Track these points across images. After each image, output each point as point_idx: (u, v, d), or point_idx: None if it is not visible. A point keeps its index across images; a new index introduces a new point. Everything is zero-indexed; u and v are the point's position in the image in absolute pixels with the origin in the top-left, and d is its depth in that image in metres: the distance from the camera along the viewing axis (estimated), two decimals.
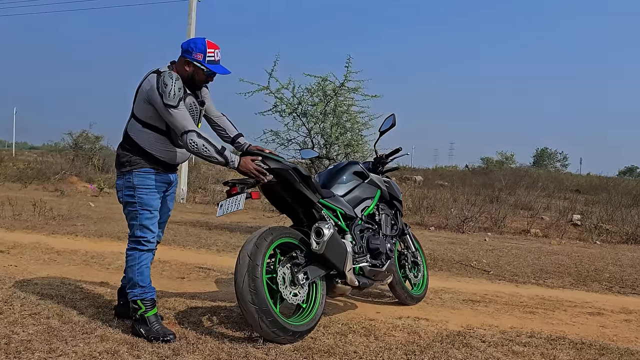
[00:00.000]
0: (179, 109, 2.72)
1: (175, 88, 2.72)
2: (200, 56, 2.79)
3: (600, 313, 4.04)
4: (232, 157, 2.78)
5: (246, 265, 2.67)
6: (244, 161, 2.80)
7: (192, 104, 2.86)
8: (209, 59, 2.81)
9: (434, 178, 19.25)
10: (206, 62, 2.81)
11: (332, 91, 7.61)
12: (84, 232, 6.66)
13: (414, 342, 2.97)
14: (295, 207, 3.16)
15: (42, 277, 4.02)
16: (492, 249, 7.26)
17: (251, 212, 11.25)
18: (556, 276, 5.60)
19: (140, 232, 2.87)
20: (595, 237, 9.23)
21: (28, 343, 2.55)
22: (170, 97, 2.70)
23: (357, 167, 3.65)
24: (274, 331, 2.68)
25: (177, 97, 2.71)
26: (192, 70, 2.83)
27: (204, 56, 2.80)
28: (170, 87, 2.70)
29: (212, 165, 24.05)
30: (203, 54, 2.80)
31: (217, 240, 6.66)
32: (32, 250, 5.22)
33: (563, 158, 36.71)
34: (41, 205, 8.15)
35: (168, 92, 2.70)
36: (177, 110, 2.72)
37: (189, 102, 2.83)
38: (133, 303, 2.84)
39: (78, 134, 21.13)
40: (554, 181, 18.54)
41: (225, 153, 2.76)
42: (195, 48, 2.80)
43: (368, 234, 3.45)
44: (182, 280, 4.36)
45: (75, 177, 16.79)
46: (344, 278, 3.10)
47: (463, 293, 4.47)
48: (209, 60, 2.81)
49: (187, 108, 2.79)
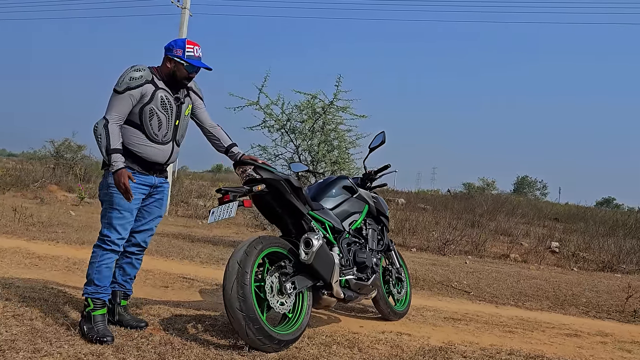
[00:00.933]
0: (120, 95, 2.81)
1: (127, 77, 2.83)
2: (180, 52, 2.91)
3: (577, 335, 4.12)
4: (116, 163, 2.75)
5: (235, 272, 2.70)
6: (121, 173, 2.75)
7: (165, 98, 2.93)
8: (188, 54, 2.92)
9: (416, 201, 19.42)
10: (185, 57, 2.91)
11: (321, 109, 7.73)
12: (65, 239, 6.58)
13: (397, 355, 3.01)
14: (285, 218, 3.20)
15: (24, 279, 3.98)
16: (472, 271, 7.36)
17: (234, 227, 11.23)
18: (535, 299, 5.70)
19: (106, 231, 2.87)
20: (572, 264, 9.41)
21: (12, 343, 2.52)
22: (118, 83, 2.83)
23: (346, 181, 3.73)
24: (260, 339, 2.70)
25: (125, 84, 2.81)
26: (173, 66, 2.93)
27: (183, 51, 2.91)
28: (124, 76, 2.83)
29: (196, 179, 23.97)
30: (182, 49, 2.92)
31: (200, 252, 6.64)
32: (13, 254, 5.16)
33: (543, 187, 37.33)
34: (22, 211, 8.04)
35: (120, 78, 2.83)
36: (116, 95, 2.82)
37: (161, 96, 2.91)
38: (85, 299, 2.85)
39: (60, 142, 20.88)
40: (533, 209, 18.84)
41: (113, 155, 2.76)
42: (176, 45, 2.94)
43: (355, 247, 3.50)
44: (165, 289, 4.34)
45: (55, 186, 16.55)
46: (330, 290, 3.14)
47: (444, 311, 4.53)
48: (188, 55, 2.92)
49: (159, 102, 2.89)
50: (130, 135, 2.88)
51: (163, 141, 2.95)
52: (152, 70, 2.94)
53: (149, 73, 2.90)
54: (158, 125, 2.91)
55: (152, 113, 2.88)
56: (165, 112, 2.92)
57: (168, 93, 2.95)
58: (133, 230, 3.01)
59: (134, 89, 2.82)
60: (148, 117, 2.88)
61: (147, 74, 2.88)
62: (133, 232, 3.02)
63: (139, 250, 3.09)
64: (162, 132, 2.93)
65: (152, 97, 2.88)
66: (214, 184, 21.31)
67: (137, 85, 2.83)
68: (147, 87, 2.86)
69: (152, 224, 3.10)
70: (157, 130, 2.91)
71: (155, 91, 2.89)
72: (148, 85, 2.87)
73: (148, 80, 2.87)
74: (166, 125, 2.94)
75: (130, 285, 3.14)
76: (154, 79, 2.91)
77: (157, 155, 2.95)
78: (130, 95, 2.82)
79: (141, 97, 2.85)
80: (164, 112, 2.92)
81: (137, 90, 2.83)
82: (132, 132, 2.88)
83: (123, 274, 3.08)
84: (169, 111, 2.94)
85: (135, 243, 3.06)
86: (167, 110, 2.93)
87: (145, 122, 2.88)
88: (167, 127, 2.95)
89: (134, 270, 3.12)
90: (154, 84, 2.89)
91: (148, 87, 2.87)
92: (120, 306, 3.05)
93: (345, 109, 7.78)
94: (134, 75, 2.83)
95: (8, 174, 18.30)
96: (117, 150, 2.77)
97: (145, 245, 3.12)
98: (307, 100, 7.84)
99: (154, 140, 2.92)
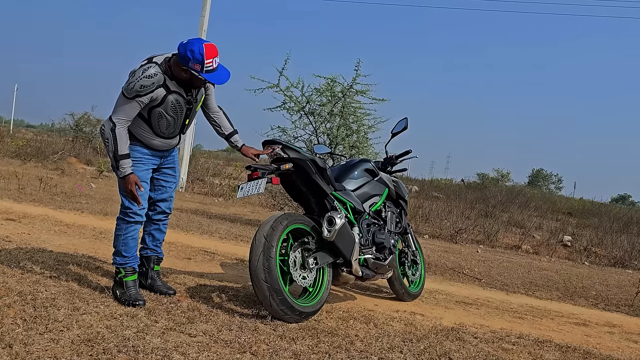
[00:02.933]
0: (128, 100, 2.74)
1: (138, 84, 2.71)
2: (198, 67, 2.72)
3: (585, 324, 4.23)
4: (124, 169, 2.76)
5: (262, 245, 2.84)
6: (128, 179, 2.79)
7: (176, 102, 2.87)
8: (207, 68, 2.74)
9: (430, 189, 19.46)
10: (204, 73, 2.75)
11: (341, 92, 7.81)
12: (89, 209, 6.80)
13: (411, 333, 3.15)
14: (309, 197, 3.33)
15: (56, 245, 4.17)
16: (484, 260, 7.46)
17: (249, 206, 11.41)
18: (545, 289, 5.80)
19: (127, 203, 2.97)
20: (584, 259, 9.46)
21: (53, 300, 2.70)
22: (128, 88, 2.73)
23: (368, 164, 3.84)
24: (282, 309, 2.85)
25: (134, 92, 2.72)
26: (189, 76, 2.81)
27: (201, 67, 2.72)
28: (135, 82, 2.72)
29: (211, 158, 24.20)
30: (201, 64, 2.71)
31: (219, 229, 6.82)
32: (42, 221, 5.37)
33: (558, 180, 37.14)
34: (47, 181, 8.28)
35: (130, 82, 2.73)
36: (124, 98, 2.75)
37: (171, 100, 2.85)
38: (115, 267, 3.01)
39: (80, 115, 21.17)
40: (547, 202, 18.80)
41: (121, 161, 2.75)
42: (193, 58, 2.70)
43: (374, 228, 3.63)
44: (188, 260, 4.52)
45: (74, 158, 16.87)
46: (349, 267, 3.28)
47: (456, 295, 4.65)
48: (207, 70, 2.75)
49: (168, 106, 2.84)
50: (137, 127, 2.91)
51: (169, 136, 3.01)
52: (165, 68, 2.80)
53: (161, 76, 2.77)
54: (166, 126, 2.93)
55: (161, 116, 2.87)
56: (175, 115, 2.91)
57: (180, 95, 2.88)
58: (157, 200, 3.19)
59: (143, 96, 2.76)
60: (156, 119, 2.88)
61: (159, 79, 2.76)
62: (157, 202, 3.20)
63: (165, 216, 3.27)
64: (169, 130, 2.97)
65: (163, 100, 2.83)
66: (229, 163, 21.52)
67: (147, 93, 2.75)
68: (158, 91, 2.79)
69: (171, 190, 3.25)
70: (164, 130, 2.95)
71: (167, 95, 2.83)
72: (159, 90, 2.79)
73: (159, 84, 2.78)
74: (174, 125, 2.96)
75: (161, 249, 3.31)
76: (165, 80, 2.80)
77: (164, 146, 3.04)
78: (139, 101, 2.77)
79: (151, 101, 2.80)
80: (172, 115, 2.90)
81: (147, 96, 2.77)
82: (139, 123, 2.90)
83: (153, 240, 3.26)
84: (178, 114, 2.92)
85: (160, 211, 3.23)
86: (177, 113, 2.91)
87: (153, 122, 2.89)
88: (175, 126, 2.98)
89: (162, 234, 3.29)
90: (165, 87, 2.81)
91: (159, 91, 2.79)
92: (153, 270, 3.22)
93: (365, 93, 7.86)
94: (145, 83, 2.72)
95: (28, 144, 18.69)
96: (125, 156, 2.78)
97: (170, 211, 3.28)
98: (326, 82, 7.93)
99: (161, 136, 2.97)
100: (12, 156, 15.52)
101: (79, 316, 2.54)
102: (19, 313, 2.47)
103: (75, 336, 2.29)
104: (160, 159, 3.10)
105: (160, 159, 3.10)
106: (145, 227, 3.25)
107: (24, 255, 3.66)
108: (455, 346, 2.99)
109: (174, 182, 3.26)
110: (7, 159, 14.87)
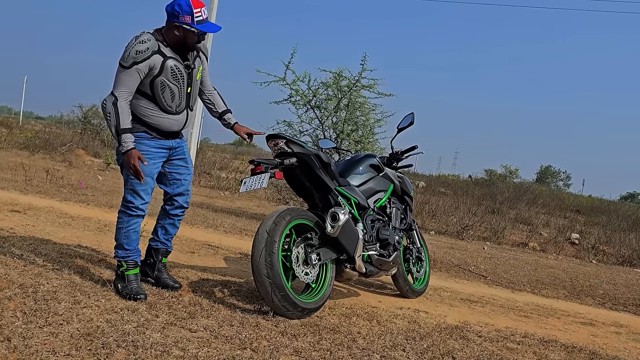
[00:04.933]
0: (127, 70, 2.72)
1: (133, 50, 2.71)
2: (189, 18, 2.77)
3: (592, 324, 4.17)
4: (126, 143, 2.73)
5: (264, 240, 2.81)
6: (130, 154, 2.74)
7: (175, 67, 2.83)
8: (197, 19, 2.78)
9: (437, 185, 19.36)
10: (195, 24, 2.78)
11: (347, 87, 7.76)
12: (94, 201, 6.81)
13: (414, 330, 3.11)
14: (312, 192, 3.30)
15: (60, 237, 4.17)
16: (490, 257, 7.41)
17: (255, 200, 11.40)
18: (551, 288, 5.74)
19: (130, 197, 2.93)
20: (591, 257, 9.37)
21: (54, 294, 2.69)
22: (124, 57, 2.72)
23: (373, 160, 3.80)
24: (284, 305, 2.83)
25: (131, 58, 2.71)
26: (182, 33, 2.81)
27: (192, 18, 2.77)
28: (129, 49, 2.72)
29: (218, 151, 24.21)
30: (190, 15, 2.77)
31: (224, 222, 6.80)
32: (47, 213, 5.38)
33: (566, 177, 36.79)
34: (53, 173, 8.30)
35: (125, 52, 2.73)
36: (122, 70, 2.73)
37: (170, 66, 2.82)
38: (117, 261, 2.98)
39: (88, 107, 21.23)
40: (555, 199, 18.65)
41: (123, 136, 2.72)
42: (182, 11, 2.76)
43: (378, 224, 3.59)
44: (192, 254, 4.50)
45: (82, 150, 16.93)
46: (353, 263, 3.24)
47: (461, 293, 4.61)
48: (197, 20, 2.78)
49: (169, 73, 2.81)
50: (143, 107, 2.86)
51: (177, 111, 2.93)
52: (157, 37, 2.81)
53: (155, 42, 2.77)
54: (171, 97, 2.87)
55: (164, 85, 2.82)
56: (177, 83, 2.86)
57: (177, 61, 2.85)
58: (173, 195, 3.14)
59: (141, 63, 2.72)
60: (160, 90, 2.83)
61: (153, 44, 2.76)
62: (174, 196, 3.15)
63: (182, 211, 3.22)
64: (175, 102, 2.89)
65: (162, 68, 2.79)
66: (236, 157, 21.52)
67: (144, 59, 2.72)
68: (155, 58, 2.76)
69: (187, 183, 3.18)
70: (170, 102, 2.88)
71: (165, 61, 2.79)
72: (155, 56, 2.76)
73: (155, 50, 2.76)
74: (179, 95, 2.89)
75: (171, 243, 3.28)
76: (160, 47, 2.79)
77: (173, 125, 2.96)
78: (137, 69, 2.73)
79: (150, 70, 2.77)
80: (175, 82, 2.85)
81: (145, 63, 2.73)
82: (144, 103, 2.85)
83: (165, 233, 3.22)
84: (180, 81, 2.87)
85: (178, 206, 3.18)
86: (179, 80, 2.86)
87: (158, 95, 2.83)
88: (180, 97, 2.90)
89: (175, 229, 3.25)
90: (161, 53, 2.78)
91: (156, 58, 2.76)
92: (160, 263, 3.20)
93: (371, 88, 7.81)
94: (139, 48, 2.71)
95: (37, 136, 18.78)
96: (127, 130, 2.74)
97: (187, 205, 3.22)
98: (333, 77, 7.88)
99: (168, 112, 2.89)
100: (21, 148, 15.58)
101: (80, 310, 2.53)
102: (19, 306, 2.46)
103: (74, 330, 2.27)
104: (169, 150, 3.02)
105: (168, 150, 3.02)
106: (160, 220, 3.21)
107: (27, 247, 3.65)
108: (459, 345, 2.95)
109: (188, 173, 3.17)
110: (15, 150, 14.95)
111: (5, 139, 15.59)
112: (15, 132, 19.73)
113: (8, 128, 20.12)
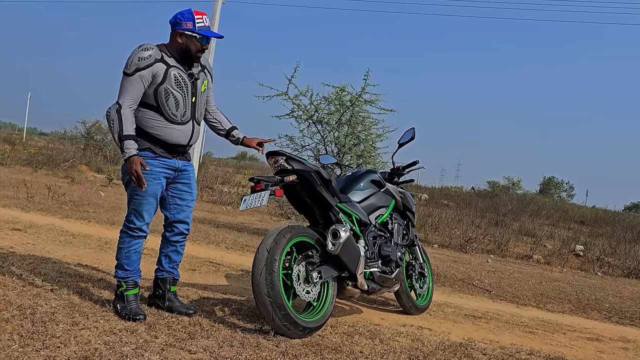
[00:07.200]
0: (130, 78, 2.76)
1: (136, 57, 2.76)
2: (190, 24, 2.84)
3: (598, 339, 4.11)
4: (129, 150, 2.72)
5: (265, 259, 2.78)
6: (132, 160, 2.72)
7: (179, 76, 2.86)
8: (199, 25, 2.86)
9: (440, 197, 19.31)
10: (197, 29, 2.85)
11: (349, 102, 7.77)
12: (96, 218, 6.80)
13: (418, 349, 3.06)
14: (313, 209, 3.27)
15: (60, 256, 4.15)
16: (494, 271, 7.34)
17: (258, 214, 11.37)
18: (556, 302, 5.67)
19: (132, 217, 2.91)
20: (597, 269, 9.28)
21: (52, 315, 2.66)
22: (127, 65, 2.77)
23: (374, 175, 3.78)
24: (285, 325, 2.79)
25: (134, 65, 2.75)
26: (185, 40, 2.86)
27: (193, 24, 2.85)
28: (132, 57, 2.77)
29: (220, 165, 24.25)
30: (192, 22, 2.85)
31: (225, 238, 6.77)
32: (48, 231, 5.36)
33: (569, 188, 36.64)
34: (55, 190, 8.30)
35: (128, 60, 2.78)
36: (126, 78, 2.77)
37: (174, 74, 2.84)
38: (117, 281, 2.95)
39: (91, 123, 21.31)
40: (558, 210, 18.56)
41: (125, 142, 2.72)
42: (184, 18, 2.86)
43: (380, 241, 3.56)
44: (193, 271, 4.47)
45: (85, 166, 16.98)
46: (354, 281, 3.21)
47: (465, 309, 4.55)
48: (199, 27, 2.86)
49: (172, 81, 2.82)
50: (148, 118, 2.85)
51: (182, 121, 2.90)
52: (162, 48, 2.86)
53: (158, 51, 2.82)
54: (175, 105, 2.85)
55: (168, 93, 2.82)
56: (181, 91, 2.86)
57: (181, 70, 2.88)
58: (174, 221, 3.08)
59: (143, 70, 2.76)
60: (164, 98, 2.82)
61: (156, 53, 2.81)
62: (174, 222, 3.09)
63: (183, 237, 3.15)
64: (180, 111, 2.88)
65: (165, 76, 2.81)
66: (238, 171, 21.55)
67: (146, 66, 2.76)
68: (158, 66, 2.80)
69: (188, 210, 3.12)
70: (175, 111, 2.86)
71: (168, 70, 2.82)
72: (158, 64, 2.80)
73: (157, 59, 2.80)
74: (183, 104, 2.88)
75: (177, 271, 3.18)
76: (163, 57, 2.83)
77: (179, 136, 2.92)
78: (140, 76, 2.76)
79: (153, 78, 2.79)
80: (179, 90, 2.85)
81: (148, 70, 2.77)
82: (149, 114, 2.85)
83: (169, 262, 3.13)
84: (184, 89, 2.88)
85: (178, 232, 3.11)
86: (182, 89, 2.87)
87: (162, 103, 2.83)
88: (185, 105, 2.89)
89: (179, 256, 3.17)
90: (164, 62, 2.82)
91: (159, 66, 2.80)
92: (170, 292, 3.10)
93: (373, 102, 7.82)
94: (142, 55, 2.76)
95: (40, 152, 18.86)
96: (129, 137, 2.74)
97: (187, 232, 3.16)
98: (335, 92, 7.90)
99: (173, 122, 2.87)
100: (24, 164, 15.64)
101: (78, 331, 2.50)
102: (16, 328, 2.43)
103: (72, 353, 2.24)
104: (174, 172, 2.99)
105: (174, 172, 2.98)
106: (162, 249, 3.15)
107: (27, 266, 3.63)
108: None
109: (191, 200, 3.12)
110: (18, 166, 15.00)
111: (9, 155, 15.64)
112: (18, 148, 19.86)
113: (11, 144, 20.24)
